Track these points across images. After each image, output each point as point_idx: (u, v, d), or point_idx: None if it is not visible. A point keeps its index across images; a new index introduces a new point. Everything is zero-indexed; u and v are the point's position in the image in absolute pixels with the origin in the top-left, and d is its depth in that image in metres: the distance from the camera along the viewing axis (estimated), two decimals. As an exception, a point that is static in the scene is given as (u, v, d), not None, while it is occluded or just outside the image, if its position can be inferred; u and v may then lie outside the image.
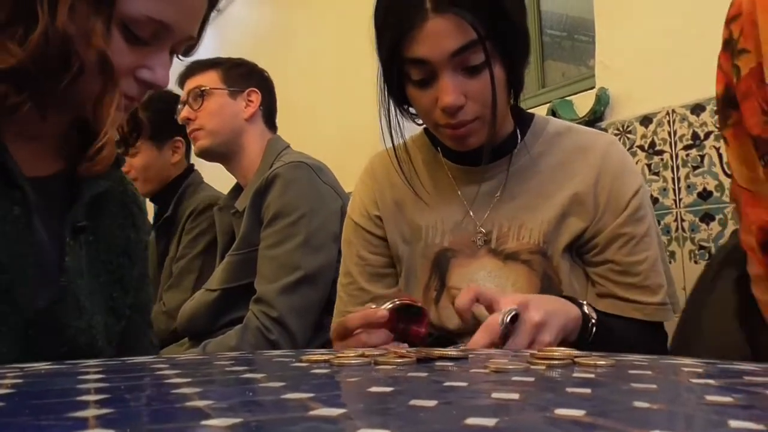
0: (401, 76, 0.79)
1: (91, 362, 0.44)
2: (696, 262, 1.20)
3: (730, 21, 0.59)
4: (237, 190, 1.47)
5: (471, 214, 0.86)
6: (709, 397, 0.27)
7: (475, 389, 0.29)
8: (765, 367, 0.37)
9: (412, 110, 0.86)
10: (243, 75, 1.44)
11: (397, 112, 0.85)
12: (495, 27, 0.74)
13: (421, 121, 0.87)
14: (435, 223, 0.88)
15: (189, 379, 0.33)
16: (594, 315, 0.73)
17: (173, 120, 1.59)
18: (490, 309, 0.67)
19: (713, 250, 1.17)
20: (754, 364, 0.39)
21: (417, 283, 0.88)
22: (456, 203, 0.88)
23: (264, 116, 1.45)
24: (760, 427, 0.21)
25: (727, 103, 0.58)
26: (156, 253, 1.69)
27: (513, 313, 0.63)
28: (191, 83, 1.43)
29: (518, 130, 0.88)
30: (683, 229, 1.23)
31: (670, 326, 0.85)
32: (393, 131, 0.85)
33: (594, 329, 0.72)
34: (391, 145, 0.87)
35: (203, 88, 1.40)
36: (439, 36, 0.73)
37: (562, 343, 0.67)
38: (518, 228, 0.84)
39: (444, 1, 0.72)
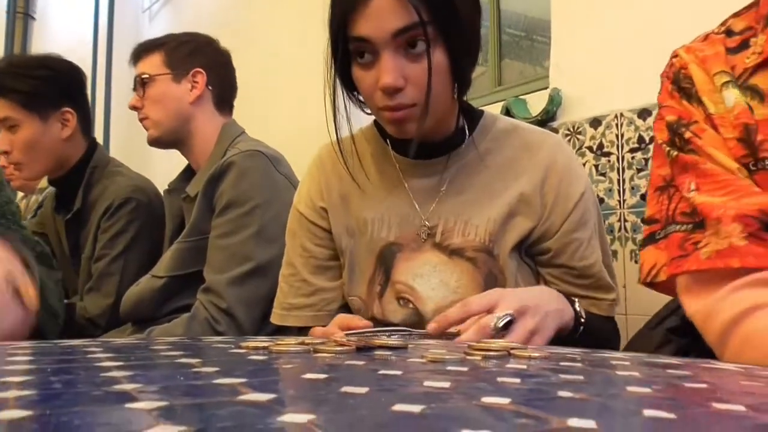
0: (348, 57, 0.79)
1: (23, 344, 0.43)
2: (636, 262, 1.24)
3: (680, 69, 0.69)
4: (188, 172, 1.43)
5: (417, 206, 0.87)
6: (630, 388, 0.28)
7: (409, 378, 0.30)
8: (688, 361, 0.39)
9: (361, 97, 0.86)
10: (188, 54, 1.36)
11: (345, 95, 0.85)
12: (439, 14, 0.74)
13: (369, 110, 0.87)
14: (381, 217, 0.88)
15: (121, 363, 0.32)
16: (584, 314, 0.76)
17: (59, 89, 1.49)
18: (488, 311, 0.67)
19: (653, 250, 1.22)
20: (679, 359, 0.40)
21: (361, 277, 0.88)
22: (402, 196, 0.88)
23: (215, 97, 1.38)
24: (671, 415, 0.22)
25: (681, 127, 0.66)
26: (66, 246, 1.58)
27: (507, 319, 0.64)
28: (137, 69, 1.37)
29: (466, 126, 0.89)
30: (626, 230, 1.27)
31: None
32: (338, 113, 0.84)
33: (581, 328, 0.75)
34: (335, 129, 0.86)
35: (144, 76, 1.34)
36: (382, 15, 0.74)
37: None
38: (464, 224, 0.85)
39: None
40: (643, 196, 1.25)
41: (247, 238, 1.19)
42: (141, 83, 1.35)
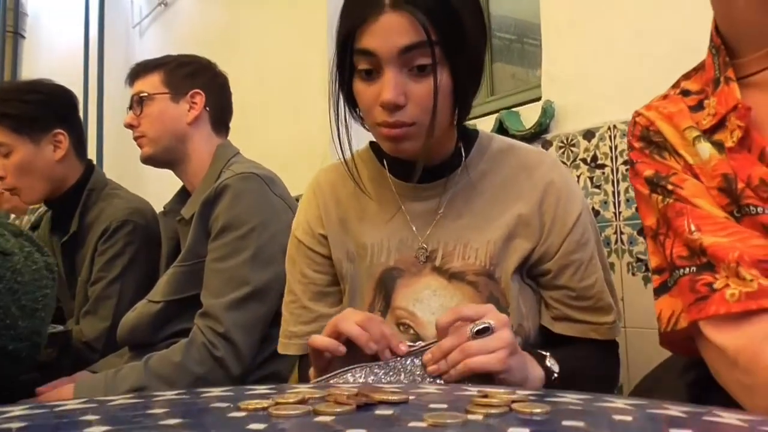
0: (351, 70, 0.79)
1: (17, 411, 0.42)
2: (633, 274, 1.24)
3: (646, 127, 0.72)
4: (183, 194, 1.43)
5: (414, 229, 0.86)
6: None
7: (411, 455, 0.30)
8: (691, 412, 0.39)
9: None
10: (187, 76, 1.38)
11: (346, 110, 0.84)
12: (447, 36, 0.75)
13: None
14: (380, 241, 0.88)
15: (118, 442, 0.32)
16: (556, 368, 0.75)
17: (50, 111, 1.51)
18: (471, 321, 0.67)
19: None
20: (682, 408, 0.40)
21: (361, 303, 0.88)
22: (400, 220, 0.88)
23: (212, 118, 1.39)
24: None
25: (661, 180, 0.68)
26: (61, 269, 1.58)
27: (483, 326, 0.65)
28: (135, 88, 1.38)
29: (462, 148, 0.88)
30: (622, 242, 1.27)
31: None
32: (341, 126, 0.84)
33: (556, 378, 0.75)
34: (338, 141, 0.85)
35: (143, 95, 1.35)
36: (390, 31, 0.74)
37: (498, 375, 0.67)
38: (463, 247, 0.84)
39: None
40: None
41: (244, 262, 1.19)
42: (138, 101, 1.36)
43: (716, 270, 0.60)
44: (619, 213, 1.28)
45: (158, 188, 1.95)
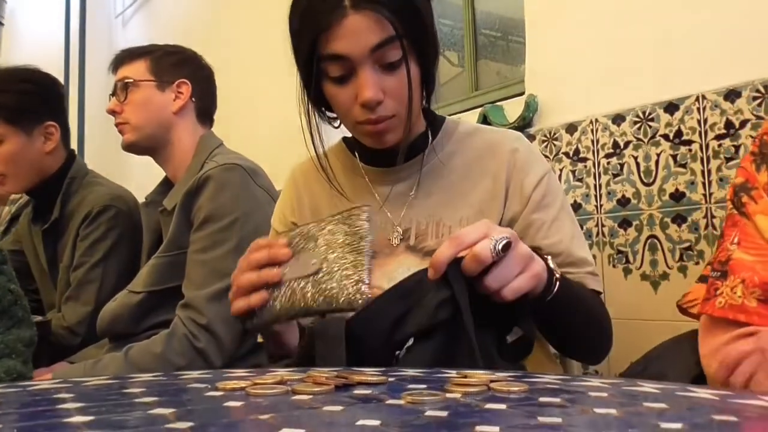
0: (319, 76, 0.80)
1: (-10, 390, 0.41)
2: (614, 266, 1.26)
3: (764, 135, 0.76)
4: (165, 184, 1.42)
5: (387, 213, 0.88)
6: (608, 435, 0.28)
7: (386, 430, 0.30)
8: (664, 388, 0.39)
9: (329, 114, 0.88)
10: (173, 65, 1.36)
11: (316, 114, 0.87)
12: (410, 26, 0.77)
13: (337, 124, 0.89)
14: None
15: (91, 417, 0.32)
16: (558, 271, 0.73)
17: (43, 103, 1.50)
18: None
19: (630, 254, 1.23)
20: (656, 385, 0.41)
21: None
22: (372, 204, 0.89)
23: (197, 109, 1.38)
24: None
25: (743, 190, 0.74)
26: (43, 258, 1.57)
27: (505, 241, 0.61)
28: (119, 74, 1.36)
29: (429, 131, 0.91)
30: (603, 234, 1.28)
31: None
32: (314, 132, 0.86)
33: (557, 284, 0.71)
34: (312, 147, 0.88)
35: (128, 81, 1.34)
36: (358, 31, 0.75)
37: (529, 294, 0.66)
38: (436, 225, 0.86)
39: None
40: (619, 201, 1.26)
41: (226, 253, 1.17)
42: (123, 87, 1.34)
43: (726, 280, 0.69)
44: (601, 206, 1.29)
45: (141, 179, 1.93)
